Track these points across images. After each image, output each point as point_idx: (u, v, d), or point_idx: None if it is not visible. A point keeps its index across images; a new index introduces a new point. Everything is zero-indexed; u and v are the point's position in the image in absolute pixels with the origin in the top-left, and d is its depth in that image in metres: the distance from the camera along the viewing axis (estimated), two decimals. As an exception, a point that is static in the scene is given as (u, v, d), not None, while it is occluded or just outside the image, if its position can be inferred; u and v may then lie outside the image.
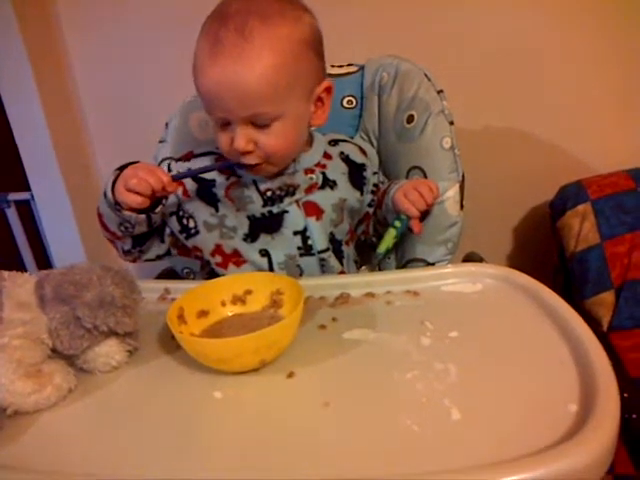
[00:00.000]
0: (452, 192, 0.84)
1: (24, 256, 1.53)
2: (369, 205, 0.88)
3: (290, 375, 0.53)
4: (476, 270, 0.71)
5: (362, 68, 0.98)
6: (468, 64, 1.20)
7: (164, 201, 0.74)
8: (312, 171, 0.80)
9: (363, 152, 0.89)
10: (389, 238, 0.77)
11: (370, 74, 0.95)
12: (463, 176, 0.85)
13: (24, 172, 1.39)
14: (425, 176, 0.86)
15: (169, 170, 0.82)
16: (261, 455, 0.44)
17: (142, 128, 1.24)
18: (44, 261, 1.54)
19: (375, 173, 0.89)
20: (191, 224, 0.80)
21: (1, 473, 0.43)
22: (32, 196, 1.43)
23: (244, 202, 0.78)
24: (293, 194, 0.78)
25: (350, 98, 0.97)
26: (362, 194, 0.85)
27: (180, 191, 0.79)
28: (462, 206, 0.85)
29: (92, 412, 0.52)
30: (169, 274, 0.96)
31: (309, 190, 0.79)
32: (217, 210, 0.78)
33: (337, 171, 0.83)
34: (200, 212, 0.79)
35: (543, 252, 1.31)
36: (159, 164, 0.97)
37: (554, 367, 0.50)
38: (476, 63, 1.21)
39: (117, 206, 0.70)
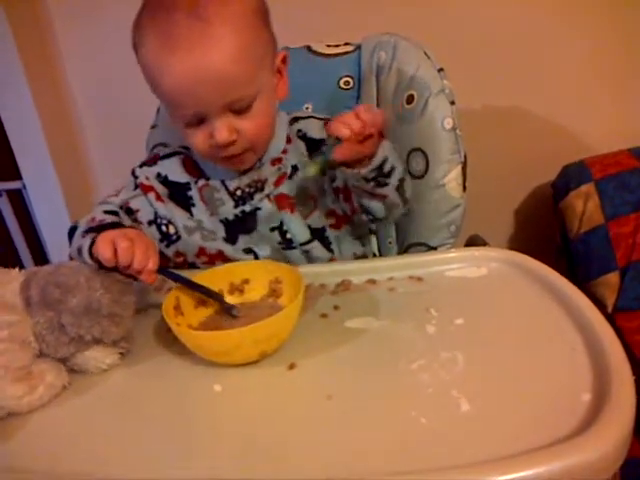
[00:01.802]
0: (454, 174, 0.81)
1: (18, 245, 1.52)
2: (332, 180, 0.79)
3: (291, 367, 0.52)
4: (480, 254, 0.69)
5: (359, 47, 0.95)
6: (468, 42, 1.17)
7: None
8: (279, 160, 0.75)
9: None
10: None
11: (367, 53, 0.92)
12: (465, 157, 0.83)
13: (15, 161, 1.37)
14: (426, 158, 0.83)
15: (135, 177, 0.77)
16: (262, 450, 0.43)
17: (133, 116, 1.21)
18: (38, 249, 1.52)
19: None
20: (171, 230, 0.76)
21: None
22: (24, 185, 1.41)
23: (215, 205, 0.75)
24: (262, 189, 0.74)
25: (347, 79, 0.95)
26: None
27: (153, 197, 0.75)
28: (465, 188, 0.83)
29: (87, 409, 0.51)
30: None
31: (278, 182, 0.75)
32: (192, 215, 0.75)
33: (297, 153, 0.77)
34: (178, 216, 0.75)
35: (545, 233, 1.29)
36: (151, 150, 0.94)
37: (565, 354, 0.48)
38: (477, 41, 1.17)
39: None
